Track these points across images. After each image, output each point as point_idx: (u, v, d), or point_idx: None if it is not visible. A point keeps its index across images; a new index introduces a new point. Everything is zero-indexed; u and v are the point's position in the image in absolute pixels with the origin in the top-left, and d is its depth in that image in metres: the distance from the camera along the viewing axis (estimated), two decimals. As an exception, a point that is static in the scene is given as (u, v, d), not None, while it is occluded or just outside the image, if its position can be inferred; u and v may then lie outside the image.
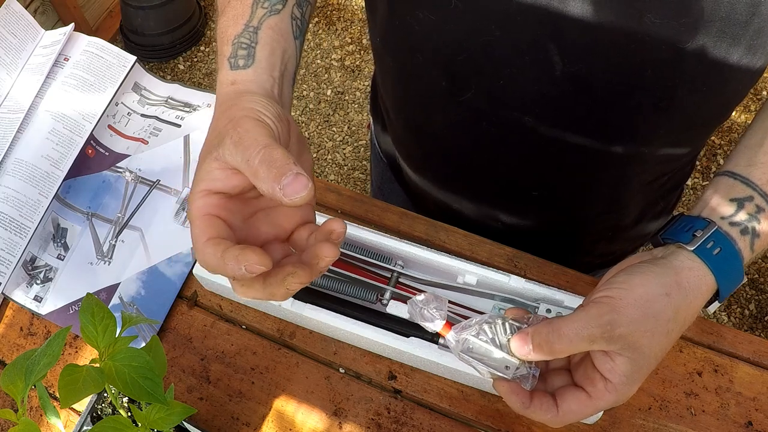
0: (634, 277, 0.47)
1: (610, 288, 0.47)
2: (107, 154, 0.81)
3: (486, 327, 0.48)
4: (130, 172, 0.81)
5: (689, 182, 2.06)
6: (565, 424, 0.48)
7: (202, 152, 0.45)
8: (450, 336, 0.48)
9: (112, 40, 2.39)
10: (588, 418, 0.48)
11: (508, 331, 0.48)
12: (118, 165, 0.81)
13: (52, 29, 0.88)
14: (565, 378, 0.50)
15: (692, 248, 0.47)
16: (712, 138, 2.13)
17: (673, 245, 0.49)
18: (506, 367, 0.48)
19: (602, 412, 0.58)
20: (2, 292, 0.73)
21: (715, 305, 0.50)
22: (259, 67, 0.51)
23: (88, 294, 0.51)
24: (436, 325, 0.48)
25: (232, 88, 0.49)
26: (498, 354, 0.48)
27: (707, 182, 1.74)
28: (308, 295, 0.66)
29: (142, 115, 0.84)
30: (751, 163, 0.50)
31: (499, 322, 0.48)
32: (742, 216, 0.48)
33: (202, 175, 0.43)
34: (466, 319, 0.49)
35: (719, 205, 0.49)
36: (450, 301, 0.66)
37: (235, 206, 0.44)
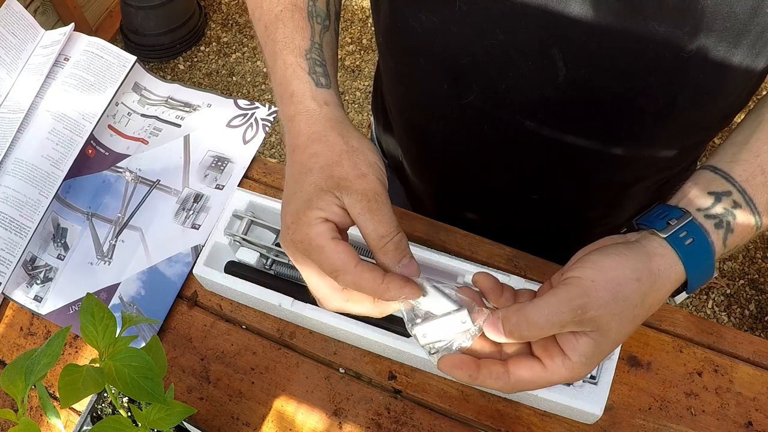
0: (607, 259, 0.46)
1: (581, 268, 0.46)
2: (107, 154, 0.81)
3: (432, 290, 0.49)
4: (130, 172, 0.81)
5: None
6: (516, 392, 0.47)
7: (311, 168, 0.49)
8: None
9: (112, 40, 2.39)
10: (539, 390, 0.47)
11: (451, 295, 0.48)
12: (118, 165, 0.81)
13: (52, 29, 0.88)
14: (520, 345, 0.49)
15: (665, 236, 0.47)
16: (714, 138, 2.13)
17: (646, 231, 0.49)
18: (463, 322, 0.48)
19: (601, 412, 0.58)
20: (2, 292, 0.73)
21: (683, 296, 0.49)
22: (335, 88, 0.54)
23: (88, 294, 0.51)
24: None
25: (327, 110, 0.52)
26: (446, 309, 0.48)
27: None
28: (308, 294, 0.66)
29: (142, 115, 0.84)
30: (733, 159, 0.50)
31: (446, 288, 0.49)
32: (718, 210, 0.48)
33: (321, 205, 0.48)
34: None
35: (697, 198, 0.49)
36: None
37: (344, 235, 0.50)
